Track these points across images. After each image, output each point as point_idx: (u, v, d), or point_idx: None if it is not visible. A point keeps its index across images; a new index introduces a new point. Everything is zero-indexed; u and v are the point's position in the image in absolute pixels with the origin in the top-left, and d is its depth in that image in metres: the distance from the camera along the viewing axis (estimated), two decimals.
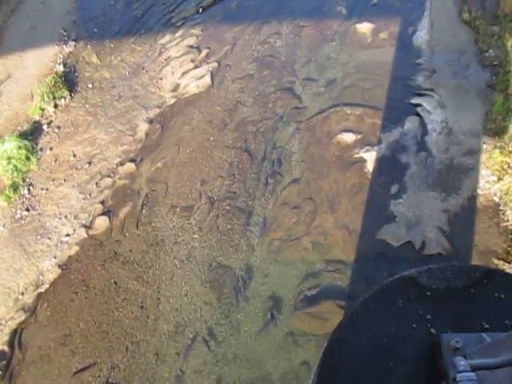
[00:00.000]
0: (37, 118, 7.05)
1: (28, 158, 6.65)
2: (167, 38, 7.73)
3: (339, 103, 6.70)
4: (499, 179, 5.80)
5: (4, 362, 5.32)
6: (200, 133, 6.64)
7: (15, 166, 6.52)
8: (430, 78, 6.81)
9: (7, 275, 5.91)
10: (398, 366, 2.75)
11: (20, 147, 6.64)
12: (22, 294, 5.78)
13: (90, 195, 6.46)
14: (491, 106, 6.37)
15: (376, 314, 3.04)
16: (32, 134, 6.93)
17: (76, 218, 6.26)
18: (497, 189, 5.77)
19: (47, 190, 6.59)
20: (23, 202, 6.39)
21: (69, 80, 7.41)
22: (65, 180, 6.62)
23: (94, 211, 6.29)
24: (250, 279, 5.61)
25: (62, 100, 7.17)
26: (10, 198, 6.39)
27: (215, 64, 7.35)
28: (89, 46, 7.75)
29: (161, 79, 7.30)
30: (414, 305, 3.01)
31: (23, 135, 6.86)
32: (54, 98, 7.08)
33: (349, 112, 6.62)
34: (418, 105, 6.60)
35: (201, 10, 7.72)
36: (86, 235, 6.13)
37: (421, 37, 7.22)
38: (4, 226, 6.22)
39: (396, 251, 5.53)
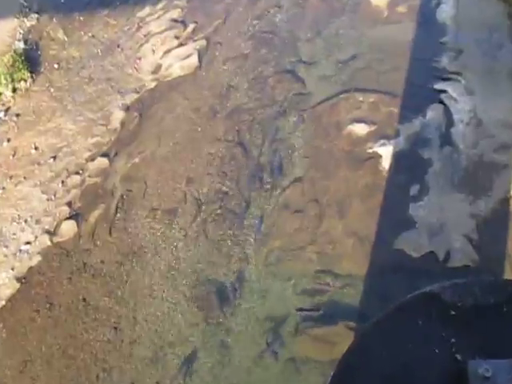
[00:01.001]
0: None
1: None
2: (147, 10, 7.86)
3: (350, 88, 6.80)
4: None
5: None
6: (185, 122, 6.74)
7: None
8: (455, 60, 6.88)
9: None
10: None
11: None
12: None
13: (54, 196, 6.53)
14: None
15: (392, 337, 3.04)
16: None
17: (38, 222, 6.33)
18: None
19: (4, 189, 6.65)
20: None
21: (30, 59, 7.48)
22: (25, 177, 6.71)
23: (60, 215, 6.35)
24: (244, 296, 5.61)
25: (22, 83, 7.25)
26: None
27: (203, 41, 7.49)
28: (54, 20, 7.83)
29: (139, 59, 7.42)
30: (436, 326, 3.01)
31: None
32: (13, 81, 7.15)
33: (361, 99, 6.69)
34: (443, 91, 6.68)
35: None
36: (49, 243, 6.17)
37: (445, 11, 7.30)
38: None
39: (416, 263, 5.53)
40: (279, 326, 5.39)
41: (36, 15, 7.86)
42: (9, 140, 6.98)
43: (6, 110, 7.16)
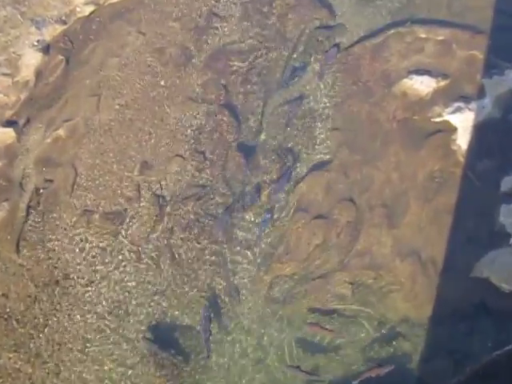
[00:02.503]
0: None
1: None
2: None
3: (405, 20, 6.49)
4: None
5: None
6: (139, 72, 6.41)
7: None
8: None
9: None
10: None
11: None
12: None
13: None
14: None
15: None
16: None
17: None
18: None
19: None
20: None
21: None
22: None
23: None
24: (232, 358, 5.39)
25: None
26: None
27: None
28: None
29: None
30: None
31: None
32: None
33: (423, 36, 6.33)
34: None
35: None
36: None
37: None
38: None
39: (507, 301, 5.29)
40: None
41: None
42: None
43: None
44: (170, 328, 5.39)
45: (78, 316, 5.47)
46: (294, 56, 6.36)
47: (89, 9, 6.61)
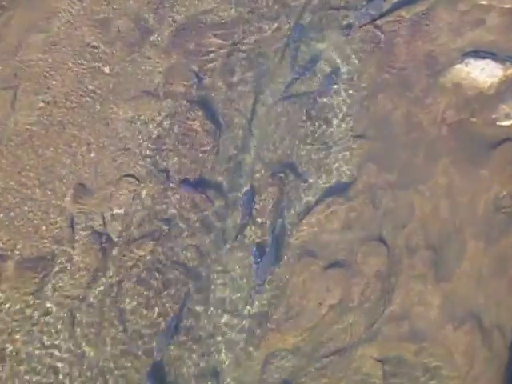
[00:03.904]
0: None
1: None
2: None
3: None
4: None
5: None
6: (74, 55, 6.12)
7: None
8: None
9: None
10: None
11: None
12: None
13: None
14: None
15: None
16: None
17: None
18: None
19: None
20: None
21: None
22: None
23: None
24: None
25: None
26: None
27: None
28: None
29: None
30: None
31: None
32: None
33: (484, 2, 6.00)
34: None
35: None
36: None
37: None
38: None
39: None
40: None
41: None
42: None
43: None
44: None
45: None
46: (297, 33, 6.04)
47: None
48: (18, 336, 5.34)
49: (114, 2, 6.24)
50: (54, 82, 6.01)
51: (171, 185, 5.83)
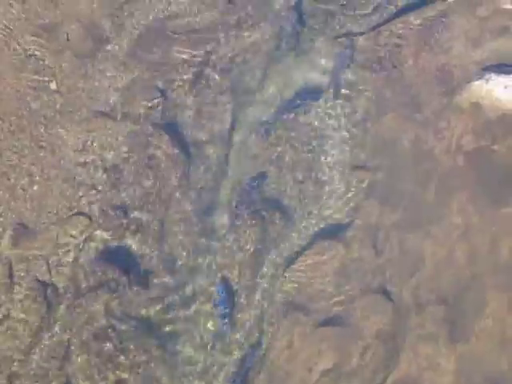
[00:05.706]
0: None
1: None
2: None
3: None
4: None
5: None
6: (11, 67, 5.50)
7: None
8: None
9: None
10: None
11: None
12: None
13: None
14: None
15: None
16: None
17: None
18: None
19: None
20: None
21: None
22: None
23: None
24: None
25: None
26: None
27: None
28: None
29: None
30: None
31: None
32: None
33: (508, 7, 5.57)
34: None
35: None
36: None
37: None
38: None
39: None
40: None
41: None
42: None
43: None
44: None
45: None
46: (286, 41, 5.53)
47: None
48: None
49: (62, 4, 5.65)
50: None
51: (131, 226, 5.19)
